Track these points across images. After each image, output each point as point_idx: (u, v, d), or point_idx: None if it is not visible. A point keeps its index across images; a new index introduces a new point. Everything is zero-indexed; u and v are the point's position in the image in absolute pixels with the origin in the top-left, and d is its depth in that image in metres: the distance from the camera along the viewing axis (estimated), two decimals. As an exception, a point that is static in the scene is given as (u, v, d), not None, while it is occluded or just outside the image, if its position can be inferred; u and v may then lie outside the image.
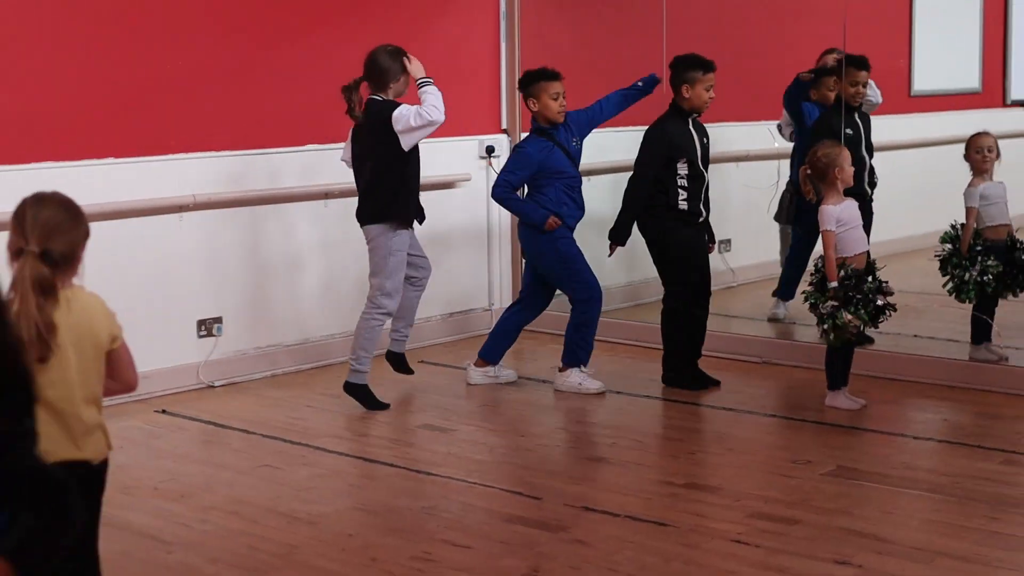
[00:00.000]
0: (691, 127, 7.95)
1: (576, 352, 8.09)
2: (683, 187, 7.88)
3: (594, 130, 8.18)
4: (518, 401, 8.00)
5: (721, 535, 5.56)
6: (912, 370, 8.21)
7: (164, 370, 8.04)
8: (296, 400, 7.99)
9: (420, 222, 7.90)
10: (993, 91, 11.44)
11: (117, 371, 4.02)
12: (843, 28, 8.63)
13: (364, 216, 7.78)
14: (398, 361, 8.17)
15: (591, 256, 8.15)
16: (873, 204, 8.66)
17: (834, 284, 7.31)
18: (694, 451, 6.98)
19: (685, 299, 8.02)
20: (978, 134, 8.18)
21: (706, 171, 7.98)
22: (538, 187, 8.01)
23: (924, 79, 9.64)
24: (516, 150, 8.17)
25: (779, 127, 9.59)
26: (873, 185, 8.69)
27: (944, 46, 11.28)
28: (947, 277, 8.11)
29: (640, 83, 8.11)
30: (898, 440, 7.03)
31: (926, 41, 10.72)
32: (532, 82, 7.99)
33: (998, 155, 8.11)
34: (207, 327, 8.28)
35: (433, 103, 7.52)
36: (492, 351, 8.29)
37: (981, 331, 8.22)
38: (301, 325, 8.78)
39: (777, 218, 9.42)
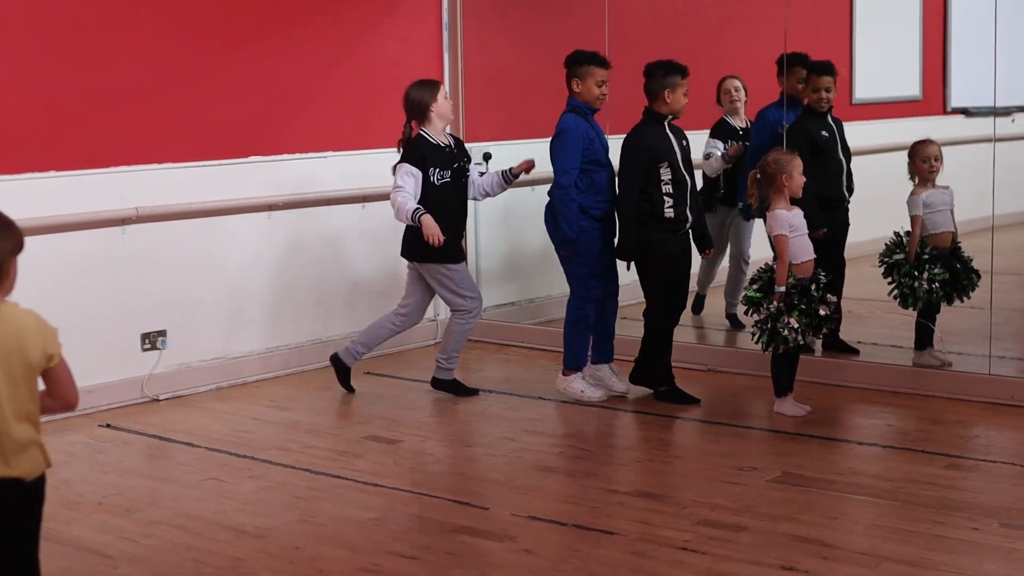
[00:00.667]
0: (668, 131, 7.88)
1: (574, 354, 8.12)
2: (668, 194, 7.77)
3: None
4: (464, 411, 7.99)
5: (668, 543, 5.57)
6: (856, 376, 8.25)
7: (108, 384, 7.99)
8: (241, 413, 7.95)
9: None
10: (933, 99, 11.52)
11: (55, 389, 3.96)
12: (784, 37, 8.67)
13: (405, 251, 8.21)
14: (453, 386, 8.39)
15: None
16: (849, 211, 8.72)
17: (782, 289, 7.34)
18: (640, 459, 6.99)
19: (668, 314, 7.98)
20: (923, 142, 8.21)
21: (689, 175, 7.90)
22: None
23: (865, 87, 9.71)
24: (556, 135, 7.94)
25: (706, 156, 9.47)
26: (850, 191, 8.67)
27: (884, 55, 11.35)
28: (892, 284, 8.16)
29: None
30: (843, 446, 7.06)
31: (867, 50, 10.79)
32: (582, 63, 7.93)
33: (943, 162, 8.16)
34: (151, 340, 8.23)
35: (397, 204, 7.88)
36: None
37: (924, 337, 8.27)
38: (245, 338, 8.74)
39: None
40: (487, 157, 9.75)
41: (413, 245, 8.03)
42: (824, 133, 8.56)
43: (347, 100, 9.21)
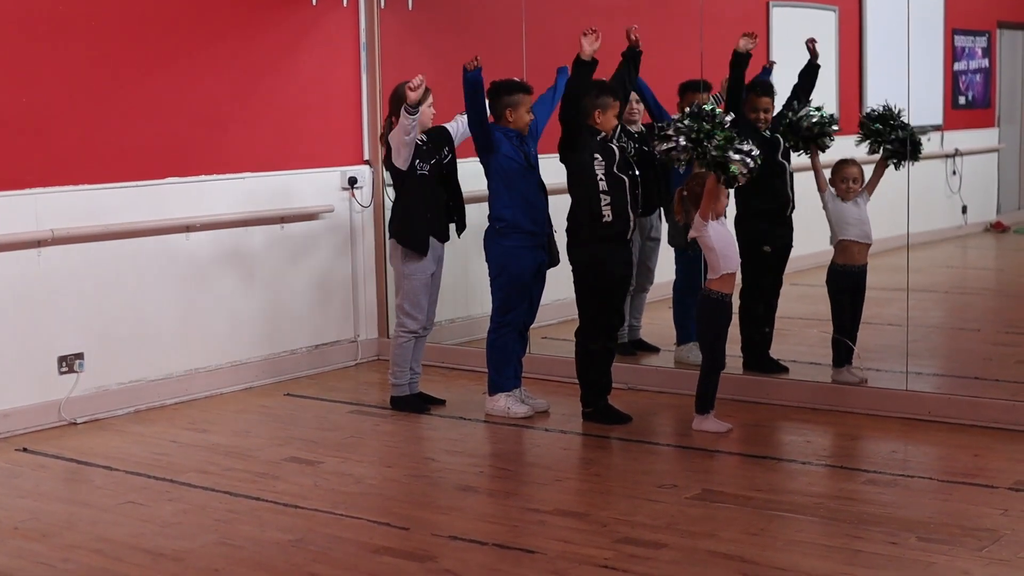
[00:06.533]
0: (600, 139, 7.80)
1: (497, 376, 8.16)
2: (607, 204, 7.65)
3: None
4: (385, 432, 7.97)
5: (589, 561, 5.57)
6: (775, 393, 8.30)
7: (25, 408, 7.91)
8: (160, 435, 7.89)
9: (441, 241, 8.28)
10: (850, 118, 11.61)
11: None
12: (700, 60, 8.72)
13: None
14: (421, 399, 8.48)
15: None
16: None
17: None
18: (560, 478, 6.98)
19: (602, 337, 7.91)
20: (844, 162, 8.33)
21: (626, 175, 7.74)
22: (496, 192, 7.99)
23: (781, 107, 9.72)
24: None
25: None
26: (792, 205, 8.62)
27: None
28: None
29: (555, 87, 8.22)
30: (762, 463, 7.10)
31: (783, 69, 10.86)
32: (513, 92, 8.00)
33: (863, 183, 8.27)
34: (68, 363, 8.15)
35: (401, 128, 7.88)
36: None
37: (842, 354, 8.34)
38: (164, 360, 8.67)
39: (672, 242, 9.23)
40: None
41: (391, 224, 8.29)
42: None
43: (265, 121, 9.18)
